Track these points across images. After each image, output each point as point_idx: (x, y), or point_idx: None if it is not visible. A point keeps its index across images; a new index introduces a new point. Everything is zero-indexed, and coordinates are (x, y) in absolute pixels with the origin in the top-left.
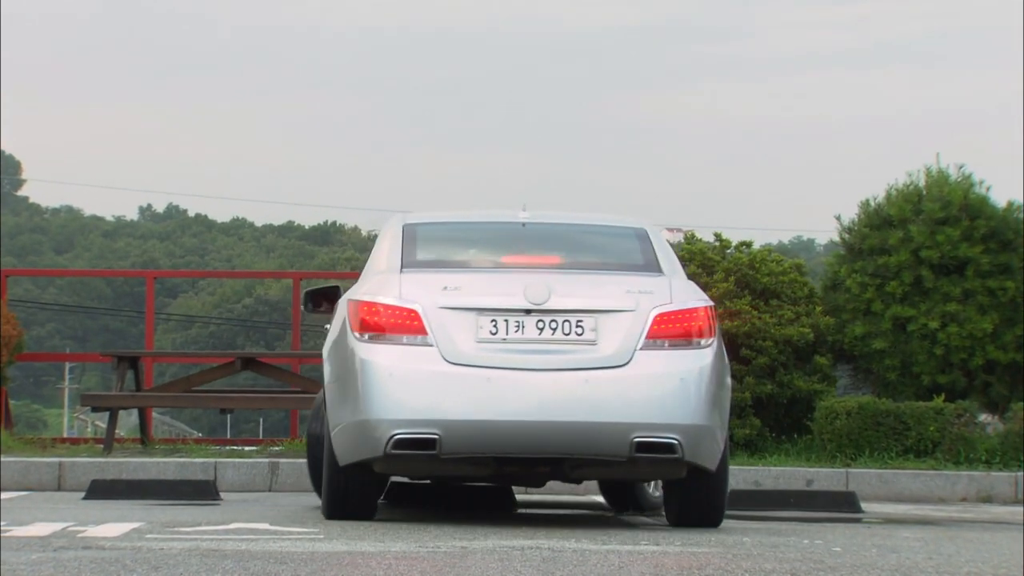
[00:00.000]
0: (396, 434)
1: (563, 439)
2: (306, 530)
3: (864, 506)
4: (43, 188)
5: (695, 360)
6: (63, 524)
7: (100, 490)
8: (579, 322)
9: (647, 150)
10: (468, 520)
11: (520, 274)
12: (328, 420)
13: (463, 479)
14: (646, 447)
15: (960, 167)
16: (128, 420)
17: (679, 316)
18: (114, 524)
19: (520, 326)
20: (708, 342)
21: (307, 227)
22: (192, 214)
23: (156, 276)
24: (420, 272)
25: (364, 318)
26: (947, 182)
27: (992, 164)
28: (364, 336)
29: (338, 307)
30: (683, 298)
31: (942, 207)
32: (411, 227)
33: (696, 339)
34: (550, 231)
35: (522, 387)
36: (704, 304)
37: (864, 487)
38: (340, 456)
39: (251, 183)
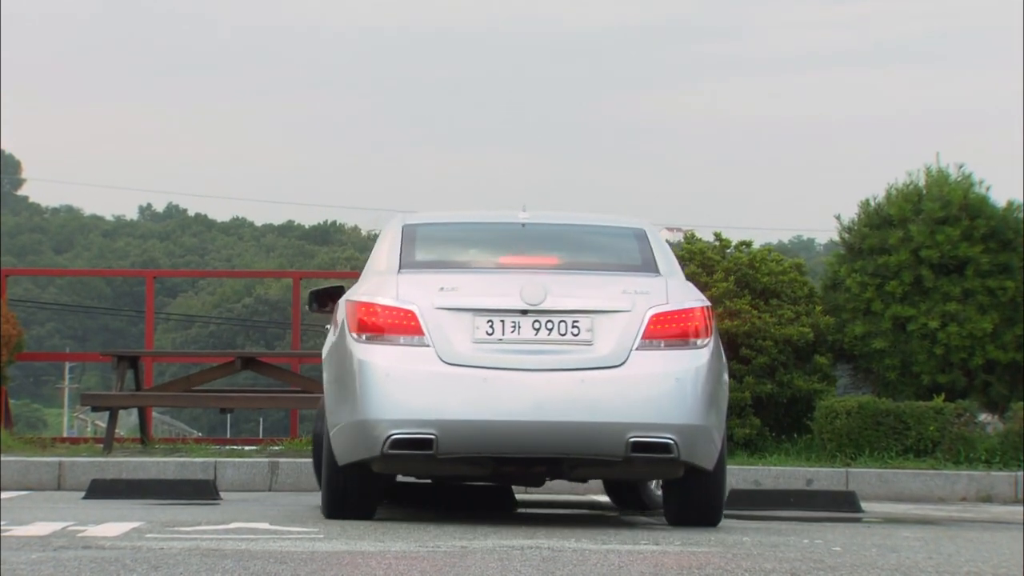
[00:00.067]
0: (393, 434)
1: (559, 439)
2: (306, 530)
3: (864, 506)
4: (43, 188)
5: (691, 360)
6: (63, 524)
7: (100, 490)
8: (575, 322)
9: (647, 150)
10: (468, 520)
11: (517, 275)
12: (327, 420)
13: (462, 479)
14: (642, 447)
15: (960, 167)
16: (128, 420)
17: (675, 316)
18: (114, 524)
19: (516, 326)
20: (704, 342)
21: (307, 227)
22: (192, 214)
23: (156, 276)
24: (418, 273)
25: (362, 319)
26: (947, 182)
27: (992, 164)
28: (362, 337)
29: (337, 308)
30: (679, 298)
31: (942, 207)
32: (411, 228)
33: (692, 339)
34: (549, 231)
35: (518, 387)
36: (700, 304)
37: (864, 487)
38: (339, 456)
39: (251, 183)
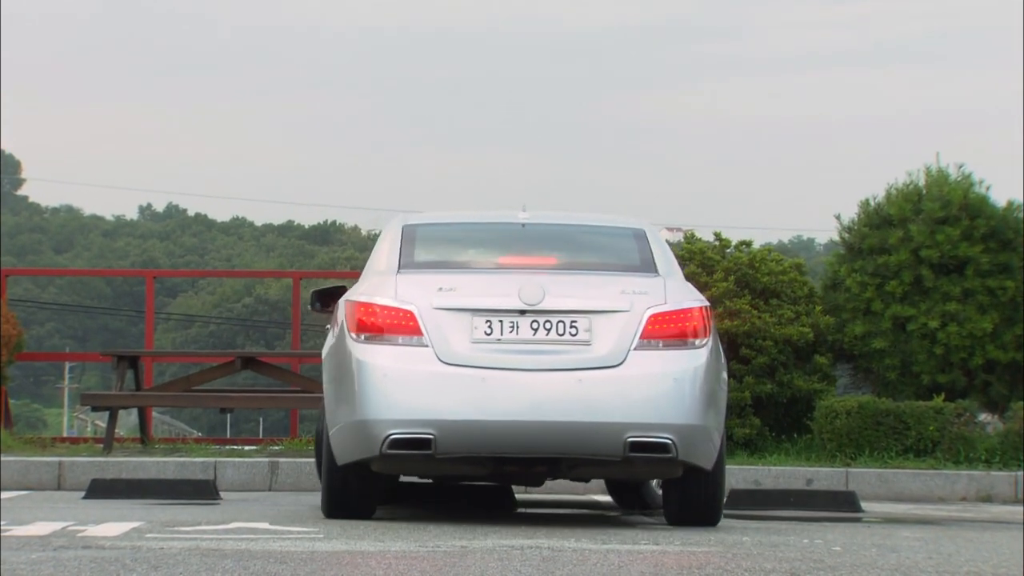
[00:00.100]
0: (391, 434)
1: (557, 439)
2: (306, 529)
3: (864, 505)
4: (43, 187)
5: (689, 360)
6: (63, 523)
7: (100, 489)
8: (573, 322)
9: (647, 150)
10: (468, 519)
11: (516, 275)
12: (326, 420)
13: (461, 478)
14: (640, 447)
15: (960, 166)
16: (128, 419)
17: (673, 316)
18: (114, 523)
19: (515, 326)
20: (703, 342)
21: (307, 226)
22: (192, 213)
23: (156, 275)
24: (417, 273)
25: (360, 319)
26: (947, 181)
27: (992, 164)
28: (360, 337)
29: (337, 308)
30: (678, 298)
31: (942, 206)
32: (411, 228)
33: (691, 339)
34: (549, 232)
35: (516, 387)
36: (699, 304)
37: (864, 486)
38: (338, 456)
39: (251, 183)
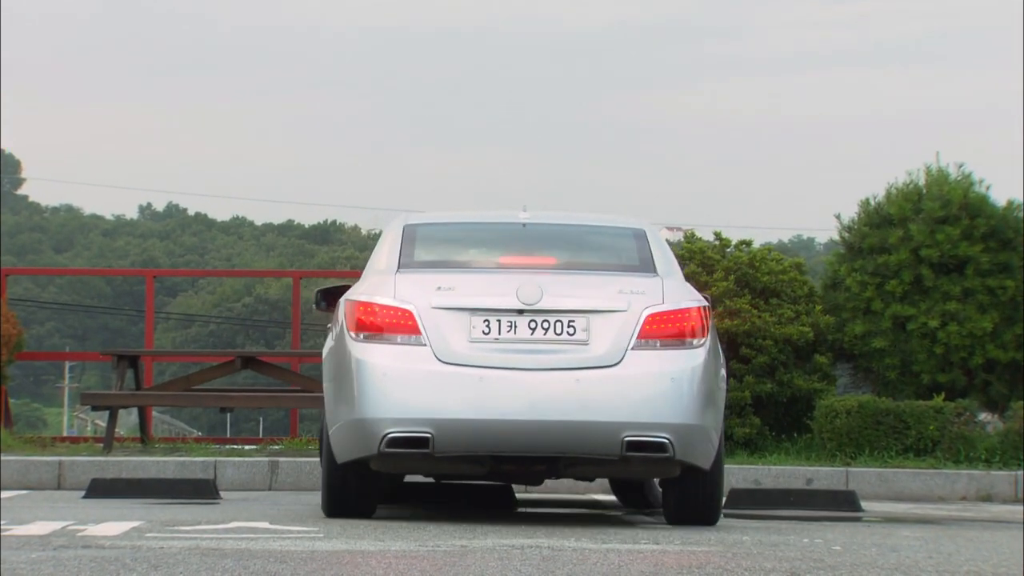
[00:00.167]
0: (390, 433)
1: (555, 438)
2: (306, 529)
3: (864, 505)
4: (43, 187)
5: (687, 360)
6: (63, 523)
7: (100, 489)
8: (571, 322)
9: (647, 150)
10: (468, 519)
11: (514, 274)
12: (327, 419)
13: (460, 477)
14: (637, 446)
15: (960, 166)
16: (128, 419)
17: (671, 316)
18: (114, 523)
19: (512, 326)
20: (701, 342)
21: (307, 226)
22: (192, 213)
23: (156, 275)
24: (416, 272)
25: (360, 318)
26: (947, 181)
27: (992, 163)
28: (359, 336)
29: (337, 307)
30: (676, 298)
31: (942, 206)
32: (411, 227)
33: (688, 339)
34: (549, 232)
35: (514, 386)
36: (697, 304)
37: (864, 486)
38: (338, 454)
39: (251, 182)
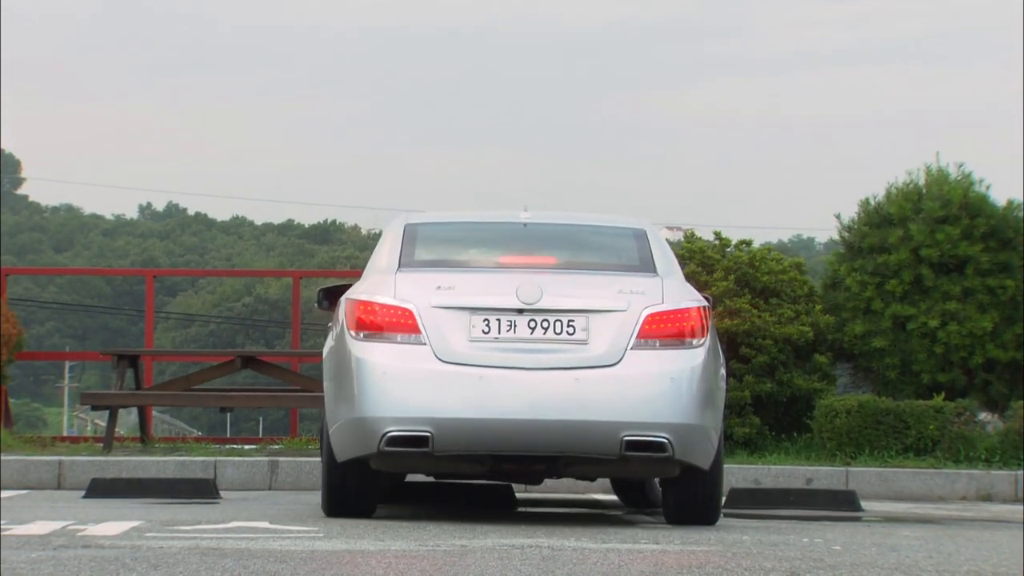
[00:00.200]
0: (389, 431)
1: (554, 437)
2: (306, 528)
3: (864, 504)
4: (43, 186)
5: (687, 360)
6: (63, 522)
7: (100, 489)
8: (571, 322)
9: (647, 150)
10: (468, 518)
11: (514, 274)
12: (327, 417)
13: (460, 476)
14: (636, 446)
15: (960, 166)
16: (128, 419)
17: (671, 316)
18: (114, 523)
19: (512, 325)
20: (700, 342)
21: (307, 226)
22: (192, 212)
23: (156, 275)
24: (416, 272)
25: (360, 317)
26: (947, 181)
27: (992, 163)
28: (360, 335)
29: (338, 306)
30: (675, 298)
31: (942, 205)
32: (412, 227)
33: (688, 339)
34: (550, 231)
35: (513, 386)
36: (697, 304)
37: (864, 485)
38: (338, 453)
39: (251, 182)
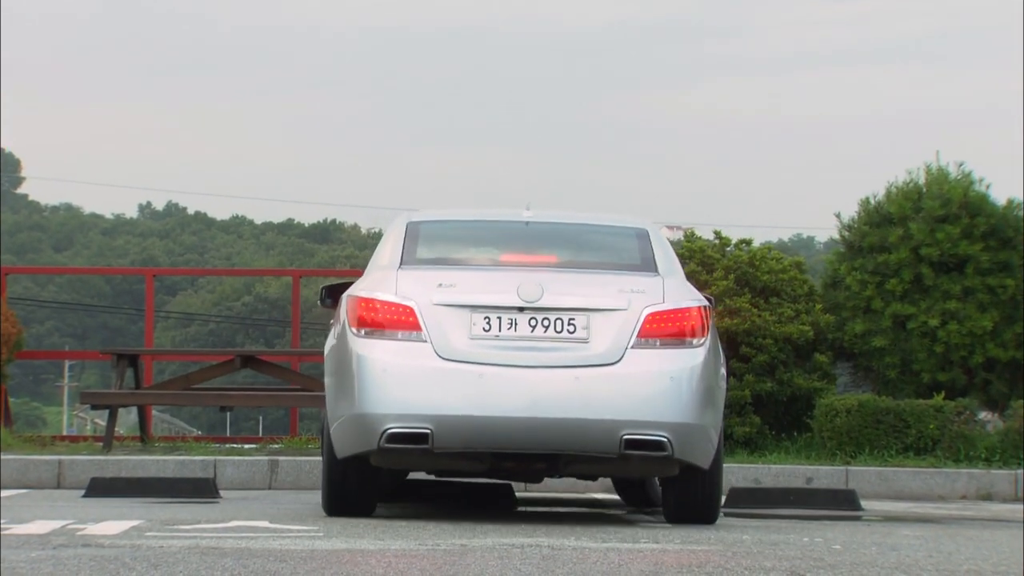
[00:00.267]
0: (389, 428)
1: (554, 435)
2: (306, 528)
3: (864, 504)
4: (42, 186)
5: (687, 359)
6: (62, 522)
7: (99, 488)
8: (571, 320)
9: (647, 150)
10: (468, 518)
11: (515, 272)
12: (328, 414)
13: (460, 474)
14: (635, 444)
15: (960, 165)
16: (127, 418)
17: (671, 315)
18: (113, 522)
19: (513, 323)
20: (700, 341)
21: (307, 225)
22: (191, 212)
23: (155, 274)
24: (418, 269)
25: (361, 314)
26: (947, 180)
27: (992, 162)
28: (360, 332)
29: (340, 303)
30: (676, 297)
31: (942, 205)
32: (414, 225)
33: (688, 338)
34: (551, 230)
35: (514, 383)
36: (697, 304)
37: (864, 485)
38: (338, 449)
39: (251, 181)
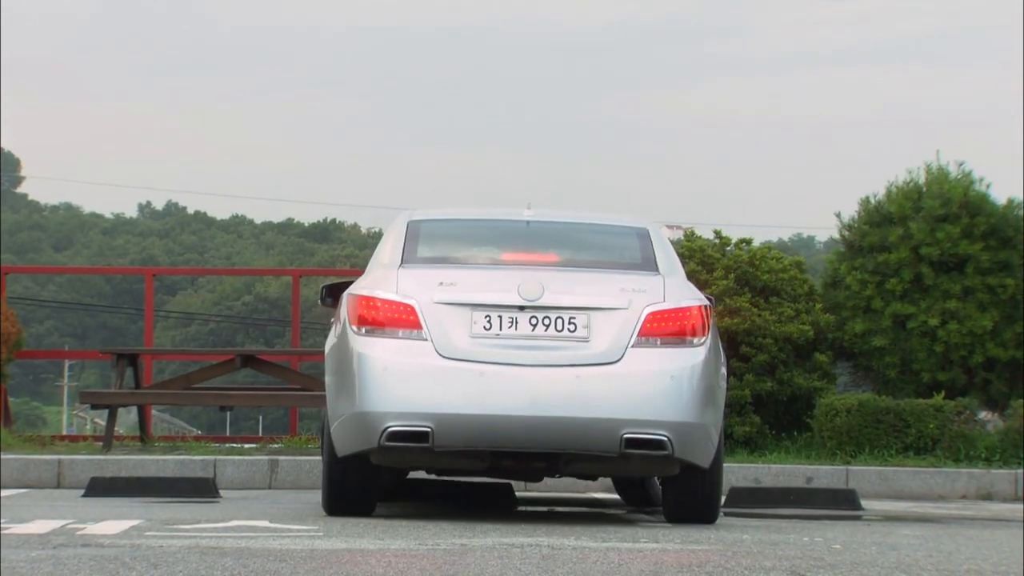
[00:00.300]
0: (389, 426)
1: (554, 434)
2: (306, 527)
3: (864, 503)
4: (42, 185)
5: (687, 358)
6: (62, 521)
7: (99, 487)
8: (572, 319)
9: (647, 150)
10: (468, 517)
11: (516, 271)
12: (328, 413)
13: (460, 472)
14: (636, 443)
15: (960, 164)
16: (127, 417)
17: (672, 315)
18: (113, 521)
19: (514, 322)
20: (701, 340)
21: (307, 224)
22: (191, 211)
23: (155, 273)
24: (418, 268)
25: (361, 313)
26: (947, 179)
27: (992, 162)
28: (361, 330)
29: (340, 302)
30: (677, 297)
31: (942, 204)
32: (415, 223)
33: (689, 337)
34: (552, 229)
35: (514, 382)
36: (698, 303)
37: (864, 484)
38: (338, 448)
39: (251, 181)
